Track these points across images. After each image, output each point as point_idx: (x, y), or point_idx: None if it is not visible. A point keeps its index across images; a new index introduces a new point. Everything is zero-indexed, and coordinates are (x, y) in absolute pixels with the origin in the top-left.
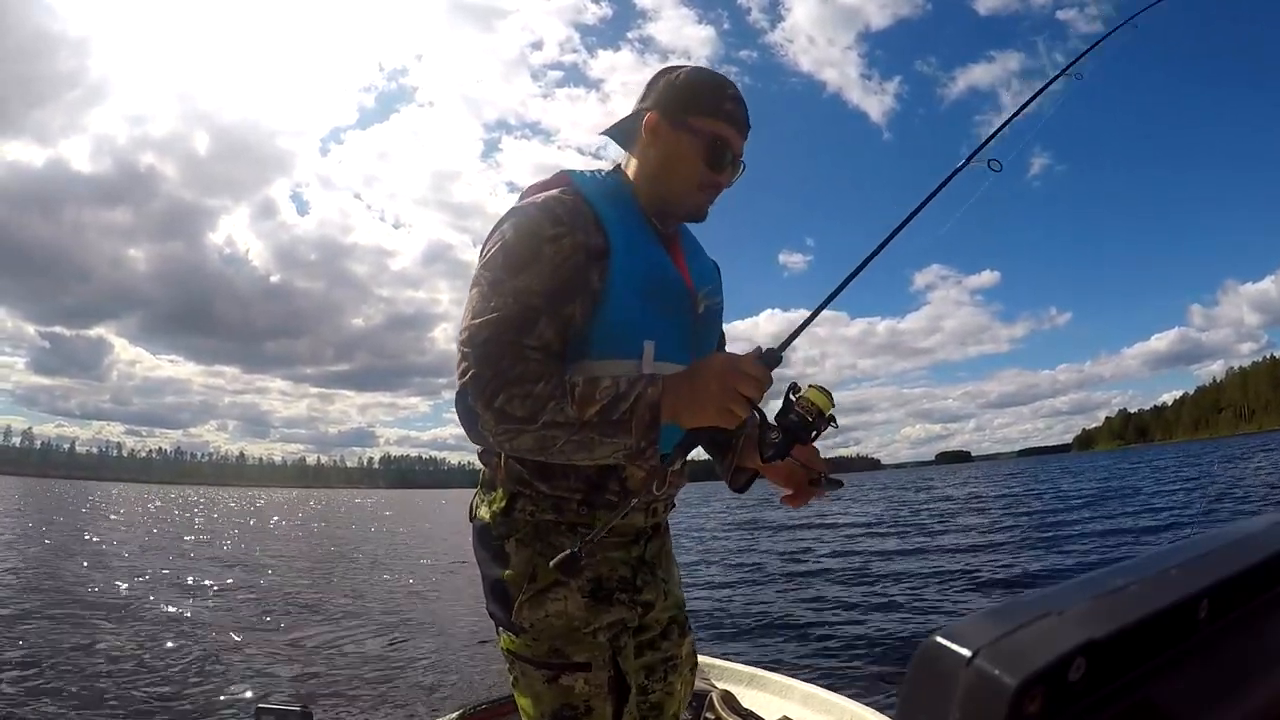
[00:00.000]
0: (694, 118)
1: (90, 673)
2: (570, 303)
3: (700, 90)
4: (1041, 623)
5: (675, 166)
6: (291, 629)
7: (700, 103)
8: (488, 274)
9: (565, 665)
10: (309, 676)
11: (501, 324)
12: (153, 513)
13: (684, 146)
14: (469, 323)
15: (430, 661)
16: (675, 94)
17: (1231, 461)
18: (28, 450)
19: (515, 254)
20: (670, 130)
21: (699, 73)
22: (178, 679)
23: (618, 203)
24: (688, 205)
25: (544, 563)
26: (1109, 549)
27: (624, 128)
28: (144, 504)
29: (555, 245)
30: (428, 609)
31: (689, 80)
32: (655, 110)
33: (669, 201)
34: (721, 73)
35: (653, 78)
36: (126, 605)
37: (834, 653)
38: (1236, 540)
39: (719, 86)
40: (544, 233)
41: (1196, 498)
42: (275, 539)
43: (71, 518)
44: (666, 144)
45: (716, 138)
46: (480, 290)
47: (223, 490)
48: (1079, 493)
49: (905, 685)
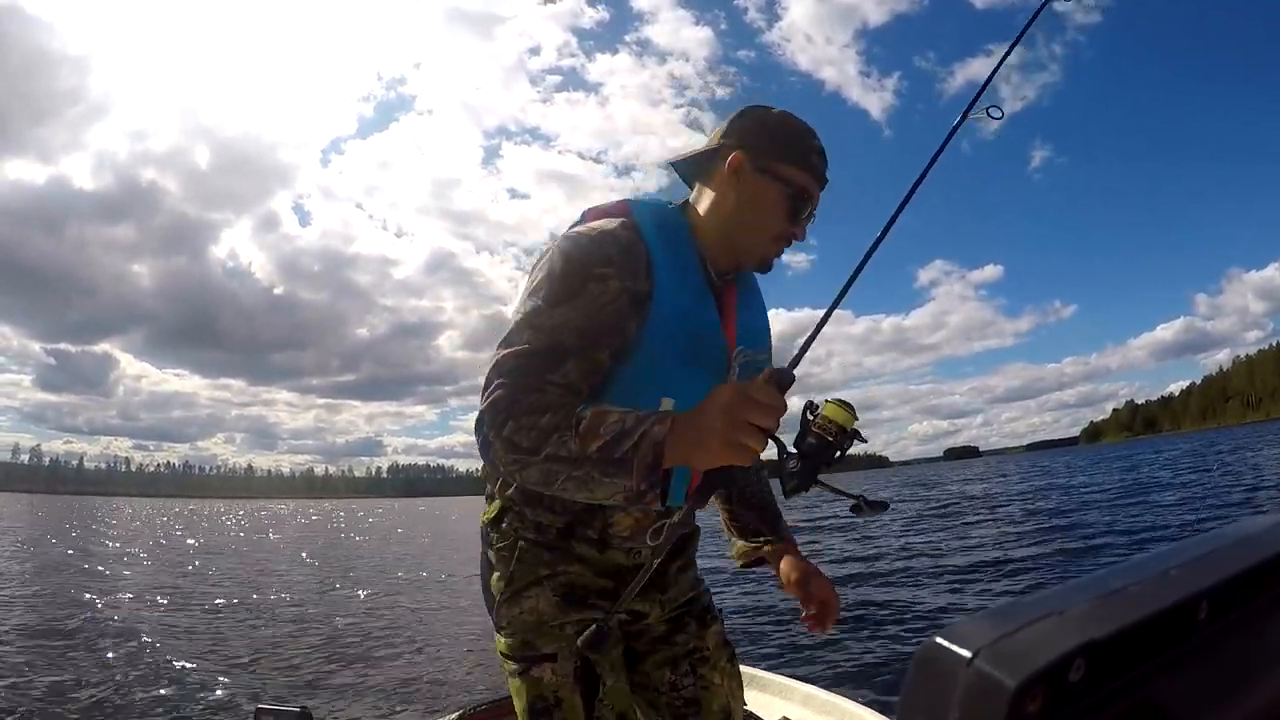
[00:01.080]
0: (781, 164)
1: (91, 674)
2: (603, 347)
3: (791, 136)
4: (1042, 623)
5: (754, 213)
6: (291, 630)
7: (790, 150)
8: (529, 302)
9: (534, 657)
10: (308, 677)
11: (530, 356)
12: (159, 525)
13: (767, 193)
14: (500, 352)
15: (430, 662)
16: (765, 136)
17: (1252, 451)
18: (36, 467)
19: (558, 286)
20: (754, 174)
21: (789, 117)
22: (177, 680)
23: (675, 246)
24: (758, 255)
25: (521, 569)
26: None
27: (697, 161)
28: (152, 518)
29: (600, 285)
30: (428, 611)
31: (780, 123)
32: (741, 151)
33: (739, 248)
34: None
35: (738, 114)
36: (129, 608)
37: (834, 653)
38: (1237, 540)
39: (808, 135)
40: (592, 269)
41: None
42: (279, 548)
43: (80, 532)
44: (749, 188)
45: (801, 189)
46: (518, 320)
47: (231, 503)
48: (1099, 486)
49: (905, 686)
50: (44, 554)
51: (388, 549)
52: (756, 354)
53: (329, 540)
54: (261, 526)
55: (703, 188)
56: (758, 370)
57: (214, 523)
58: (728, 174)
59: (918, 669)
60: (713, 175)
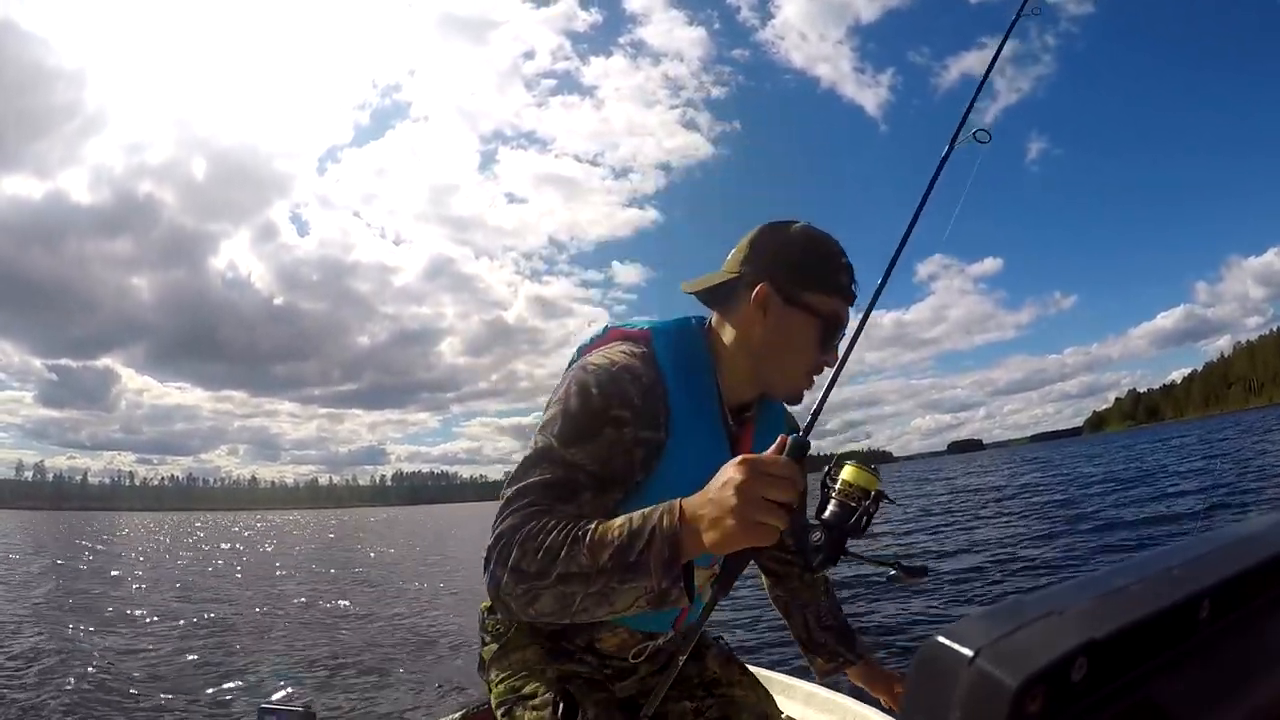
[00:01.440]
0: (810, 293)
1: (95, 674)
2: (614, 492)
3: (817, 261)
4: (1043, 622)
5: (787, 347)
6: (294, 631)
7: (818, 276)
8: (542, 438)
9: (516, 699)
10: (312, 678)
11: (543, 488)
12: (164, 538)
13: (799, 325)
14: (510, 489)
15: (432, 663)
16: (790, 264)
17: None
18: (40, 484)
19: (574, 425)
20: (783, 306)
21: (810, 238)
22: (181, 680)
23: (695, 389)
24: (788, 389)
25: (516, 636)
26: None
27: (721, 291)
28: (157, 531)
29: (617, 431)
30: (430, 613)
31: (803, 248)
32: (767, 281)
33: (768, 382)
34: (835, 241)
35: (757, 238)
36: (132, 610)
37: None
38: (1238, 540)
39: (834, 255)
40: (609, 411)
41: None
42: (281, 555)
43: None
44: (778, 321)
45: (833, 315)
46: (529, 455)
47: (235, 515)
48: (1102, 477)
49: (907, 685)
50: (52, 566)
51: (390, 555)
52: None
53: (332, 547)
54: (265, 536)
55: (726, 317)
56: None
57: (219, 533)
58: (754, 308)
59: (919, 668)
60: (736, 305)
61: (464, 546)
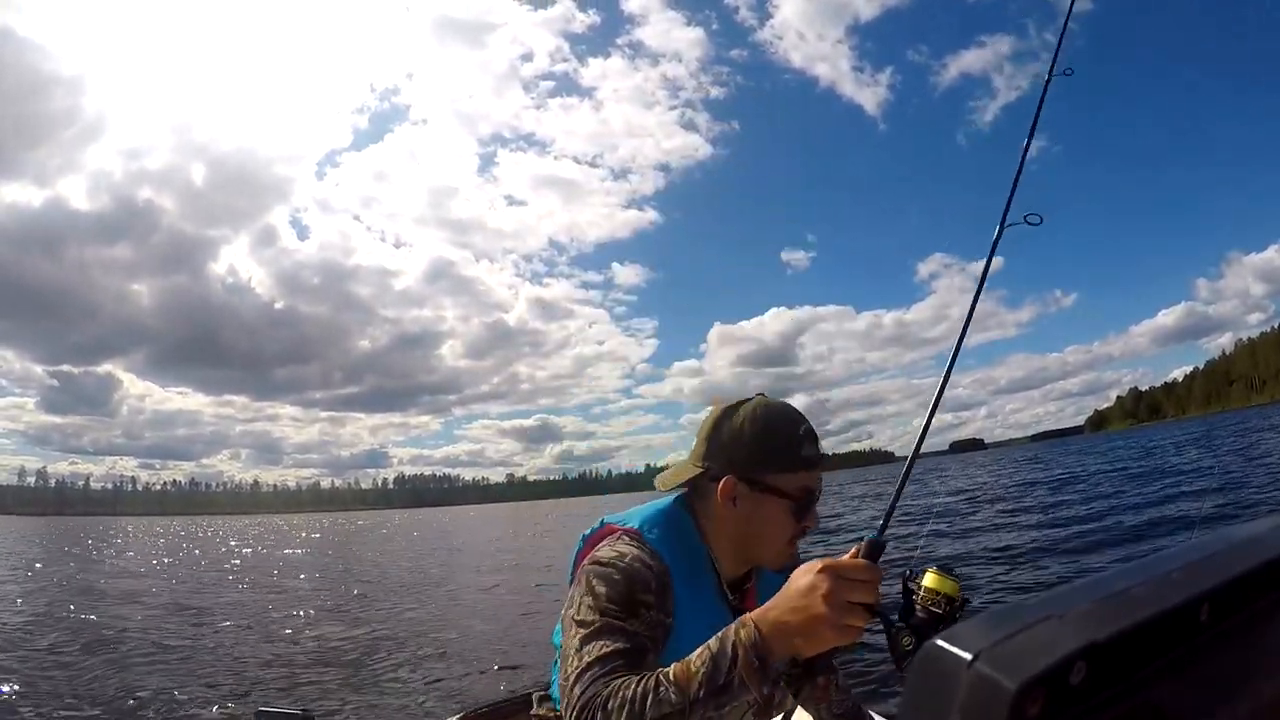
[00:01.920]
0: (775, 476)
1: (95, 675)
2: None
3: (776, 443)
4: (1042, 625)
5: (762, 530)
6: (293, 633)
7: (779, 459)
8: (590, 617)
9: None
10: (310, 680)
11: (613, 656)
12: (165, 542)
13: (770, 508)
14: (576, 668)
15: (432, 665)
16: (748, 452)
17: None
18: (43, 489)
19: (619, 602)
20: (751, 493)
21: (766, 420)
22: (179, 682)
23: (695, 575)
24: (775, 562)
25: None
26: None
27: (691, 484)
28: (159, 535)
29: (647, 610)
30: (430, 614)
31: (758, 432)
32: (732, 475)
33: (756, 559)
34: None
35: (711, 428)
36: (128, 613)
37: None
38: (1238, 543)
39: (791, 432)
40: (638, 595)
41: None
42: (284, 559)
43: (91, 546)
44: (750, 509)
45: (802, 490)
46: (584, 635)
47: (238, 519)
48: (1102, 477)
49: (907, 687)
50: (57, 571)
51: (391, 557)
52: None
53: (334, 550)
54: (267, 539)
55: (702, 505)
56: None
57: (221, 538)
58: (723, 500)
59: (919, 670)
60: (708, 497)
61: (465, 549)
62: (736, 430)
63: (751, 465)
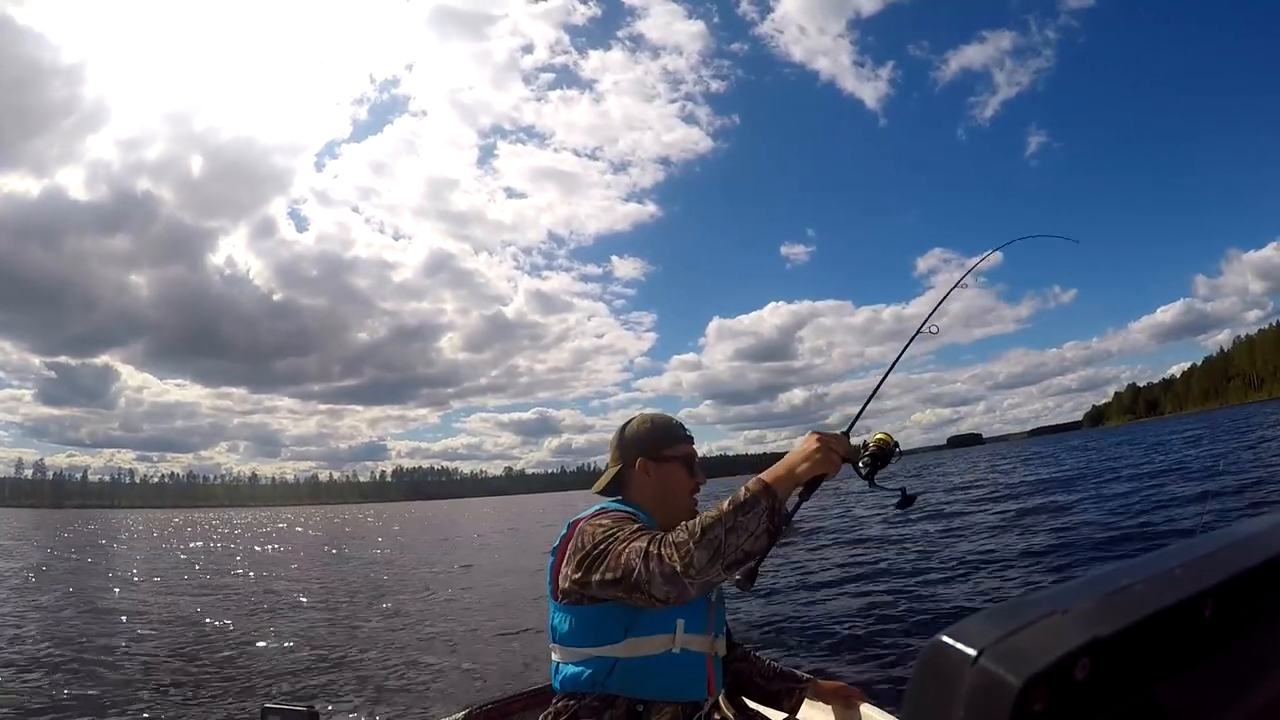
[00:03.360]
0: (668, 448)
1: (96, 674)
2: None
3: (663, 429)
4: (1046, 622)
5: (671, 489)
6: (296, 630)
7: (667, 435)
8: (610, 529)
9: None
10: (314, 677)
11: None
12: (164, 535)
13: (672, 472)
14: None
15: (435, 662)
16: (647, 439)
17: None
18: (40, 482)
19: (618, 523)
20: (657, 466)
21: (651, 417)
22: (183, 679)
23: (650, 523)
24: (685, 511)
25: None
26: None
27: (618, 478)
28: (157, 528)
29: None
30: (432, 611)
31: (652, 426)
32: (642, 457)
33: (673, 514)
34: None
35: (618, 438)
36: (135, 610)
37: (839, 653)
38: (1241, 539)
39: (669, 419)
40: (624, 521)
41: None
42: (284, 552)
43: (88, 542)
44: (659, 475)
45: (688, 454)
46: (614, 535)
47: (236, 511)
48: (1100, 474)
49: (910, 685)
50: (52, 565)
51: (391, 552)
52: None
53: (334, 544)
54: (266, 533)
55: (629, 492)
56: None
57: (220, 530)
58: (640, 475)
59: (922, 667)
60: (630, 481)
61: (464, 543)
62: (635, 429)
63: (651, 446)
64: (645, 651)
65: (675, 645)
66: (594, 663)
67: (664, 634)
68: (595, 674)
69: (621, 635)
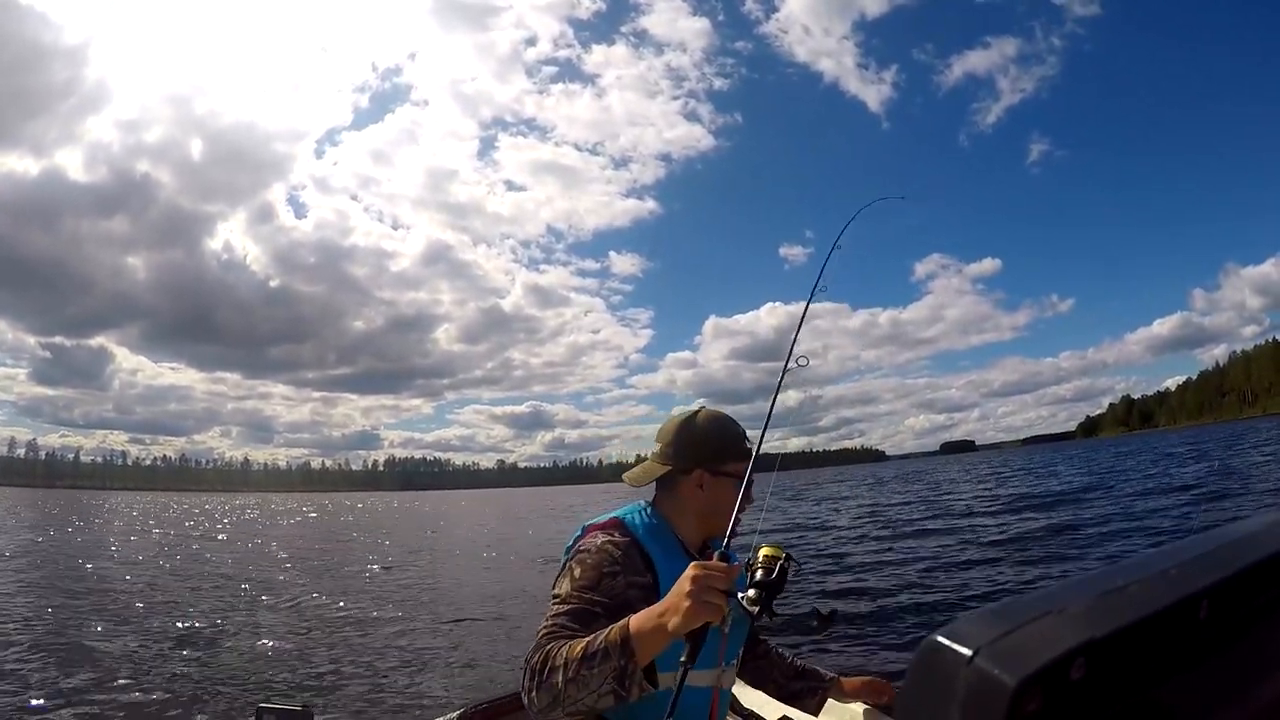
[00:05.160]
0: (728, 464)
1: (92, 673)
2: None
3: (726, 440)
4: (1042, 622)
5: (719, 508)
6: (293, 629)
7: (733, 450)
8: (559, 594)
9: None
10: (310, 676)
11: (564, 618)
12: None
13: (726, 490)
14: (541, 628)
15: (432, 661)
16: (712, 448)
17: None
18: (33, 461)
19: (582, 579)
20: (713, 480)
21: (720, 422)
22: (179, 679)
23: (664, 544)
24: (724, 531)
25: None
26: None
27: (662, 481)
28: (149, 514)
29: (612, 580)
30: (429, 610)
31: (717, 434)
32: (699, 468)
33: (710, 531)
34: (729, 416)
35: (676, 434)
36: (129, 607)
37: (835, 652)
38: (1236, 540)
39: (737, 430)
40: (602, 568)
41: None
42: (279, 548)
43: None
44: (712, 491)
45: (746, 473)
46: (551, 609)
47: (229, 496)
48: (1098, 482)
49: (906, 684)
50: (48, 547)
51: (386, 545)
52: (741, 599)
53: (328, 537)
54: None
55: (669, 493)
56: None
57: (211, 519)
58: (693, 487)
59: (918, 667)
60: (676, 487)
61: (461, 539)
62: (702, 431)
63: (714, 458)
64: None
65: (676, 683)
66: None
67: (665, 671)
68: None
69: None
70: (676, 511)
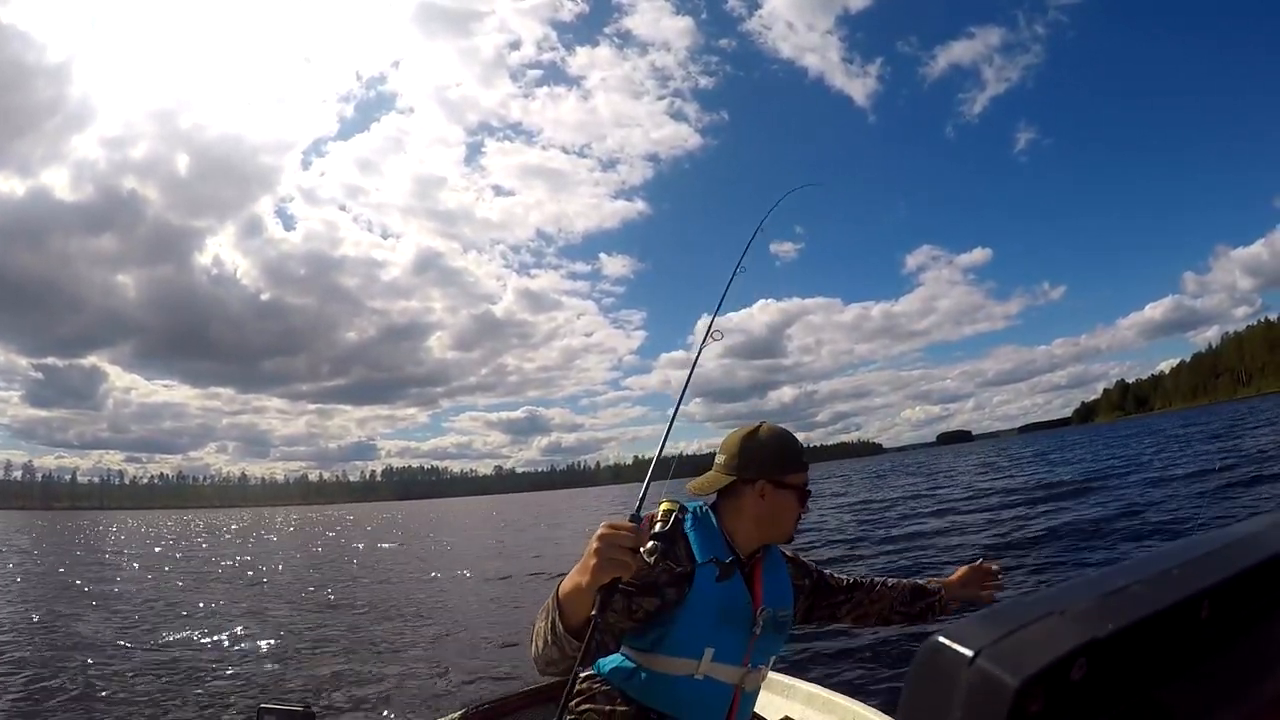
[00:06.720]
0: (790, 475)
1: (94, 673)
2: (647, 599)
3: (786, 453)
4: (1043, 622)
5: (781, 516)
6: (293, 629)
7: (794, 463)
8: None
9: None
10: (311, 677)
11: None
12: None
13: (787, 500)
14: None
15: (432, 661)
16: (776, 460)
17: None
18: (29, 484)
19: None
20: (775, 490)
21: (781, 436)
22: (180, 679)
23: (709, 541)
24: (786, 537)
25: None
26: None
27: (723, 490)
28: (147, 529)
29: (649, 559)
30: (430, 610)
31: (779, 448)
32: (763, 479)
33: (773, 537)
34: (787, 430)
35: (743, 447)
36: (129, 607)
37: (836, 653)
38: (1238, 540)
39: (797, 445)
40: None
41: None
42: (278, 553)
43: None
44: (773, 501)
45: (807, 486)
46: None
47: (227, 512)
48: (1098, 472)
49: (907, 685)
50: (43, 565)
51: (385, 551)
52: (779, 611)
53: (325, 544)
54: (256, 534)
55: (730, 500)
56: (783, 623)
57: (210, 532)
58: (755, 498)
59: (919, 668)
60: (739, 496)
61: (459, 542)
62: (765, 444)
63: (776, 469)
64: (666, 670)
65: (699, 672)
66: (623, 660)
67: (689, 658)
68: (620, 670)
69: (649, 646)
70: (734, 516)
